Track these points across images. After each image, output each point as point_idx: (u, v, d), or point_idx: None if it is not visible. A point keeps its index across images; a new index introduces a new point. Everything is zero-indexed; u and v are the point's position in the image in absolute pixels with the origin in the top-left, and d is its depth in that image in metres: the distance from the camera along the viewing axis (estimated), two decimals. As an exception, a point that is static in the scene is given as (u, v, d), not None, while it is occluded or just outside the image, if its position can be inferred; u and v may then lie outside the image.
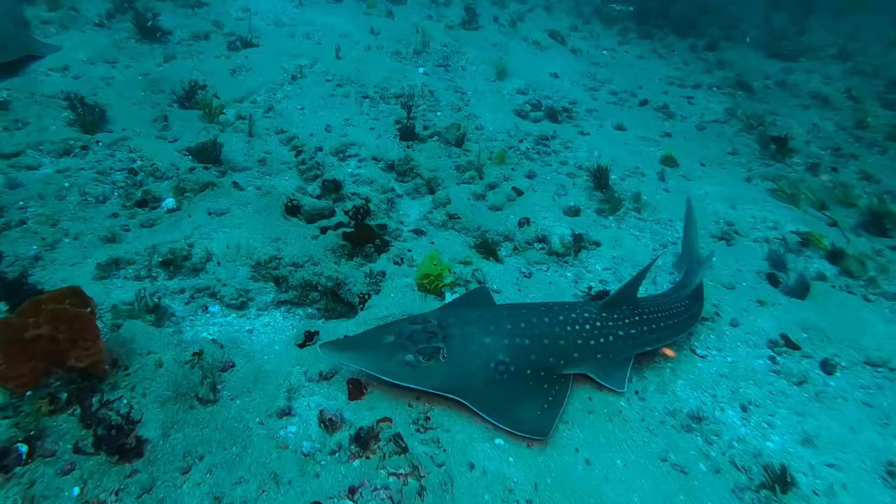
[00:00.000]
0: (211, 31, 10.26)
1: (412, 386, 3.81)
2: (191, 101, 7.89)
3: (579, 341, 4.30)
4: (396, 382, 3.82)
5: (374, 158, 7.51)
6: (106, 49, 9.01)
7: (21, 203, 5.69)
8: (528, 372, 4.00)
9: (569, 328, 4.30)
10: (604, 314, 4.49)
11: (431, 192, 7.18)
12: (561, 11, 15.82)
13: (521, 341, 4.05)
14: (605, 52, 13.34)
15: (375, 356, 3.86)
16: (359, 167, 7.37)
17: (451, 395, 3.83)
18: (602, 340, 4.40)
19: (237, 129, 7.58)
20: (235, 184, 6.55)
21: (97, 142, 6.80)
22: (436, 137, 8.11)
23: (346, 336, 4.47)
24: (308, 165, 7.04)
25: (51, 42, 8.93)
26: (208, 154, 6.72)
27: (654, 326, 4.68)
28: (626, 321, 4.54)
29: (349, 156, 7.53)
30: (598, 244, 6.71)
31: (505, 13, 14.31)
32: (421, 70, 10.21)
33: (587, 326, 4.37)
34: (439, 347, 3.85)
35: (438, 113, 8.87)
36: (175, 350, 4.32)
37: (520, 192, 7.34)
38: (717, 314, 5.87)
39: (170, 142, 7.13)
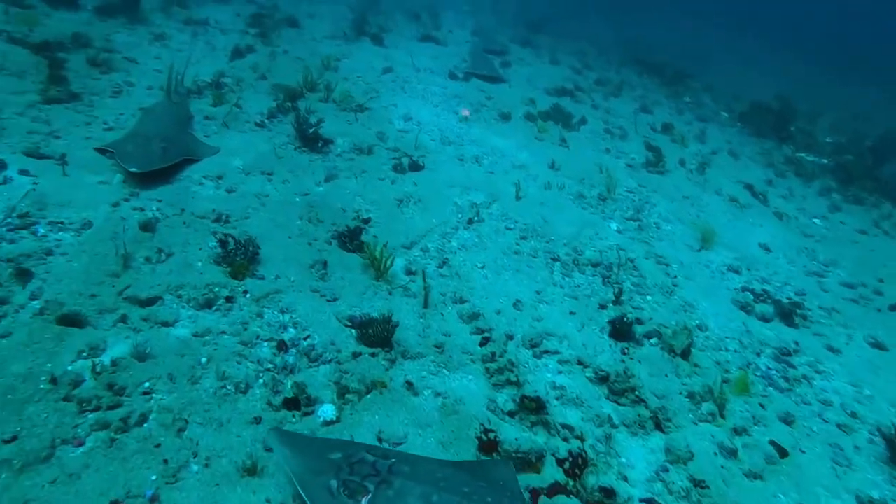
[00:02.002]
0: (374, 143, 9.50)
1: None
2: (354, 241, 6.77)
3: None
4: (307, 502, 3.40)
5: (579, 362, 5.90)
6: (264, 157, 8.32)
7: (147, 384, 4.50)
8: None
9: None
10: None
11: (658, 426, 5.41)
12: (747, 158, 14.28)
13: None
14: (816, 220, 11.47)
15: (307, 465, 3.55)
16: (560, 372, 5.77)
17: None
18: None
19: (408, 293, 6.29)
20: (409, 385, 5.10)
21: (244, 292, 5.69)
22: (655, 339, 6.43)
23: (310, 434, 4.18)
24: (498, 364, 5.53)
25: (210, 142, 8.38)
26: (377, 333, 5.38)
27: None
28: None
29: (547, 352, 5.97)
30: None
31: (687, 154, 12.94)
32: (614, 226, 8.78)
33: None
34: (367, 490, 3.42)
35: (648, 297, 7.25)
36: None
37: (783, 452, 5.39)
38: None
39: (328, 301, 5.91)
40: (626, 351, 6.17)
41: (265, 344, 5.19)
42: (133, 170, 6.79)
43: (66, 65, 9.71)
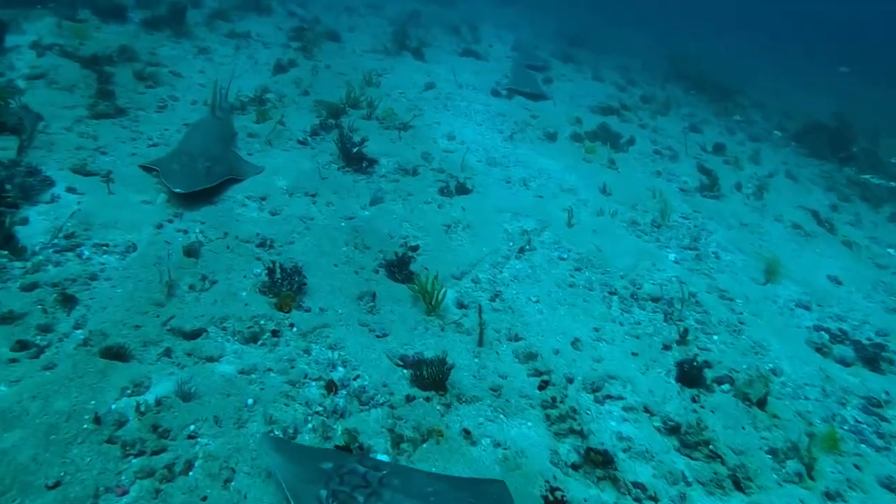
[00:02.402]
0: (419, 164, 9.28)
1: None
2: (402, 271, 6.51)
3: None
4: None
5: (646, 410, 5.50)
6: (307, 177, 8.17)
7: (192, 427, 4.27)
8: None
9: None
10: None
11: (737, 486, 4.97)
12: (807, 181, 13.65)
13: None
14: (890, 250, 10.80)
15: (298, 474, 3.57)
16: (625, 420, 5.38)
17: None
18: None
19: (460, 329, 5.98)
20: (467, 433, 4.78)
21: (291, 325, 5.46)
22: (727, 386, 5.99)
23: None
24: (559, 411, 5.17)
25: (254, 160, 8.27)
26: (432, 375, 5.08)
27: None
28: None
29: (610, 397, 5.59)
30: None
31: (743, 176, 12.42)
32: (671, 256, 8.35)
33: None
34: (356, 501, 3.41)
35: (714, 337, 6.80)
36: None
37: (885, 525, 4.88)
38: None
39: (378, 336, 5.64)
40: (696, 398, 5.74)
41: (313, 384, 4.94)
42: (178, 190, 6.68)
43: (114, 79, 9.79)
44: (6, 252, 5.45)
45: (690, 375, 5.90)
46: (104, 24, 12.37)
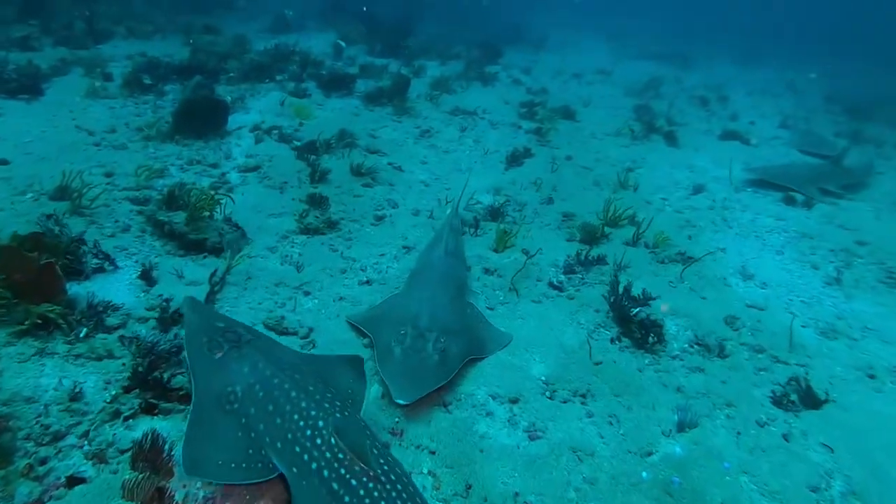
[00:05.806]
0: (723, 336, 6.24)
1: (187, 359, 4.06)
2: None
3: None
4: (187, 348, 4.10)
5: None
6: (572, 359, 5.58)
7: None
8: (243, 421, 3.70)
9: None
10: None
11: None
12: None
13: (258, 390, 3.78)
14: None
15: (198, 326, 4.21)
16: None
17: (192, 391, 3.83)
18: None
19: None
20: None
21: None
22: None
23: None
24: None
25: (495, 318, 5.94)
26: None
27: None
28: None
29: None
30: None
31: None
32: None
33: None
34: (222, 348, 4.00)
35: None
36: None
37: None
38: None
39: None
40: None
41: None
42: (401, 402, 4.44)
43: (329, 176, 8.30)
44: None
45: None
46: (326, 99, 11.38)
